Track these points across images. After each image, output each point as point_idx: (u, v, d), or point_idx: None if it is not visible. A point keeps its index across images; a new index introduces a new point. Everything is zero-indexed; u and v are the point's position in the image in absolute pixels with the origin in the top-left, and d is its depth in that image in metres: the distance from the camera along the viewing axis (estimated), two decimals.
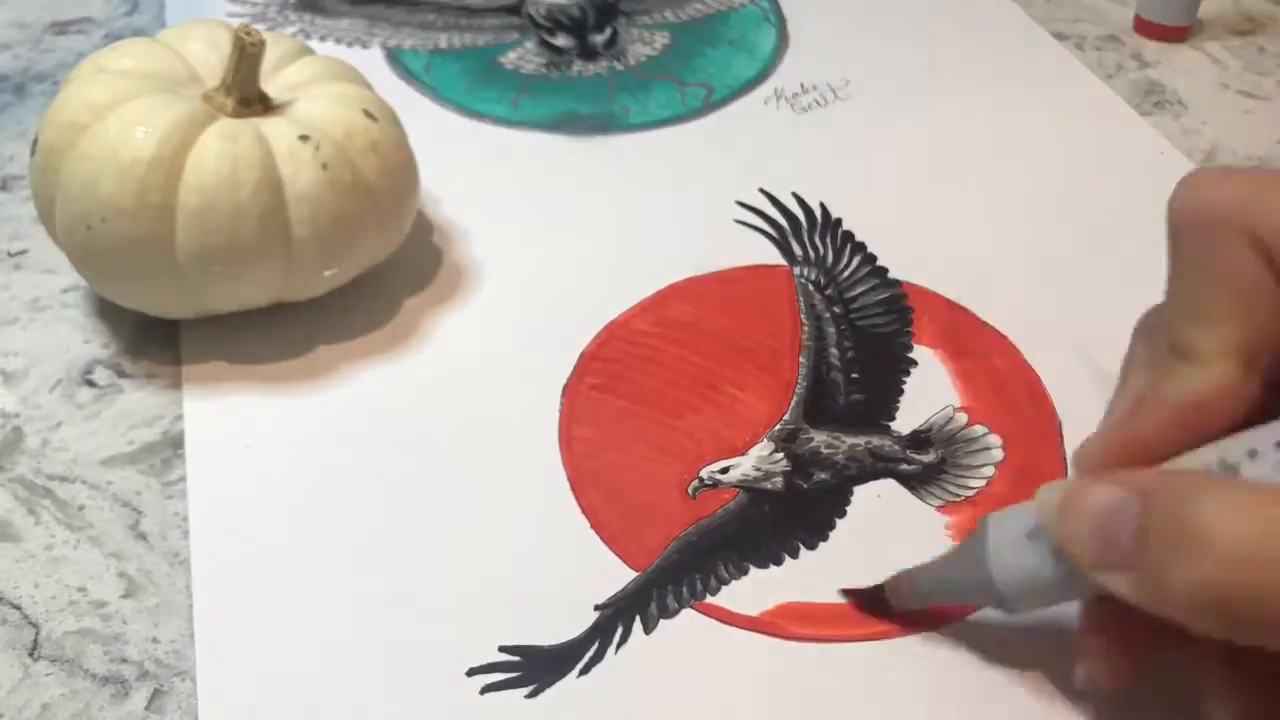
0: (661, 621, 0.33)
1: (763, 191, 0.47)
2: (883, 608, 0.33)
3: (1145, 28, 0.58)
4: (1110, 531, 0.26)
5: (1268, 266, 0.27)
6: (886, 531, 0.35)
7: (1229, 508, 0.24)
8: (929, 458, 0.37)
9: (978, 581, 0.30)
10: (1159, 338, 0.29)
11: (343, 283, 0.40)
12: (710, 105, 0.52)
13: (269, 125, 0.37)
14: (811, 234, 0.45)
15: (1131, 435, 0.28)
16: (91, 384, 0.39)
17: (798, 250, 0.44)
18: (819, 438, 0.37)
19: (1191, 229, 0.29)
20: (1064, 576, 0.28)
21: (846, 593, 0.33)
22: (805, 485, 0.36)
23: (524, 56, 0.54)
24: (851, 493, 0.36)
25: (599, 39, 0.55)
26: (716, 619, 0.33)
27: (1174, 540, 0.24)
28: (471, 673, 0.31)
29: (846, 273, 0.43)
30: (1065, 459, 0.37)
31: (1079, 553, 0.27)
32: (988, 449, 0.38)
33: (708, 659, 0.32)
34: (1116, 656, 0.29)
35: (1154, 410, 0.28)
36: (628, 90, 0.52)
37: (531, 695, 0.31)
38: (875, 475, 0.37)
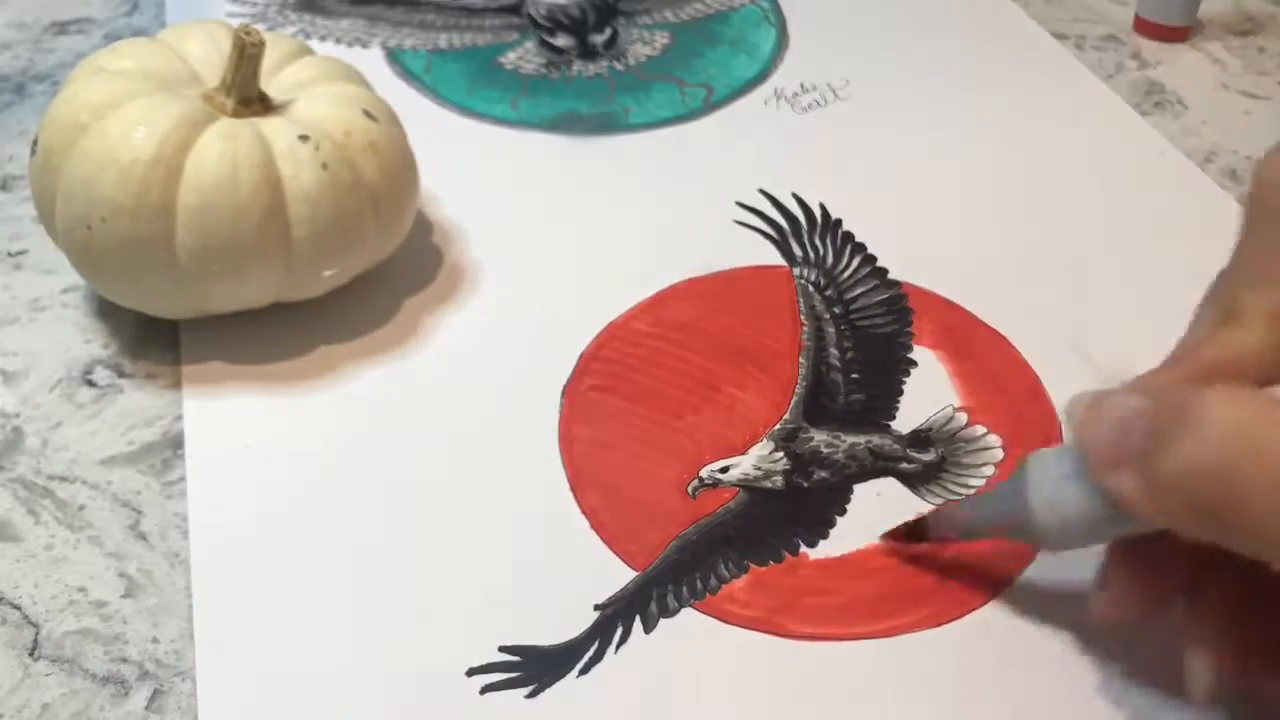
0: (662, 621, 0.33)
1: (763, 192, 0.47)
2: (920, 537, 0.33)
3: (1145, 28, 0.58)
4: (1126, 430, 0.27)
5: None
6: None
7: (1230, 396, 0.25)
8: (929, 456, 0.37)
9: (1016, 515, 0.30)
10: (1216, 303, 0.29)
11: (343, 283, 0.40)
12: (710, 105, 0.52)
13: (269, 125, 0.37)
14: (811, 234, 0.45)
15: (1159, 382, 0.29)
16: (91, 384, 0.39)
17: (798, 251, 0.44)
18: (819, 437, 0.37)
19: (1265, 198, 0.29)
20: (1098, 511, 0.28)
21: (888, 534, 0.34)
22: (805, 484, 0.36)
23: (524, 56, 0.54)
24: (852, 491, 0.36)
25: (599, 39, 0.55)
26: (717, 618, 0.33)
27: (1175, 423, 0.25)
28: (471, 673, 0.31)
29: (846, 273, 0.43)
30: None
31: (1097, 454, 0.27)
32: (988, 448, 0.38)
33: (708, 659, 0.32)
34: (1135, 589, 0.30)
35: (1186, 365, 0.29)
36: (628, 90, 0.52)
37: (531, 695, 0.31)
38: (875, 474, 0.37)
